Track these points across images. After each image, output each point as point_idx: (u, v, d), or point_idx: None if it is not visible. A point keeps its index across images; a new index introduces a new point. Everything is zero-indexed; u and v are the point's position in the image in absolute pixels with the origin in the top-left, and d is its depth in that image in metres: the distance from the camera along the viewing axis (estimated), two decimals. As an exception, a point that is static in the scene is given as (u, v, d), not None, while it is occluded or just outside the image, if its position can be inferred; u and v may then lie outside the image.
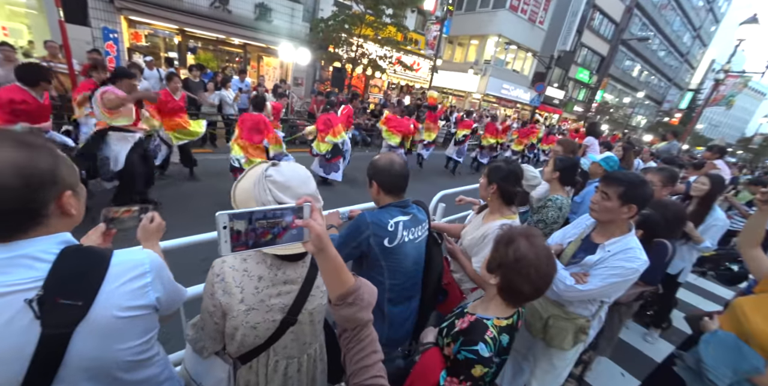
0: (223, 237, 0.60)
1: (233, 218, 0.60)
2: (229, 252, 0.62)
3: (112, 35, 7.36)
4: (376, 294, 0.74)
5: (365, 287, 0.71)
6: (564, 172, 2.08)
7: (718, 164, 4.29)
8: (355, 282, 0.70)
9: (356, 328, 0.71)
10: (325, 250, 0.66)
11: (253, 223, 0.62)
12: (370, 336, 0.72)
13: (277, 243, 0.66)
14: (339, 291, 0.68)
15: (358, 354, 0.70)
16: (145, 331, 0.77)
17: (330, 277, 0.69)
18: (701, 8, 31.96)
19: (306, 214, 0.67)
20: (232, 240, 0.61)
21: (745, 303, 1.45)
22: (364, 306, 0.69)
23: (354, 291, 0.68)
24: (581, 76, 23.80)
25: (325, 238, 0.65)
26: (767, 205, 1.51)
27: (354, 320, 0.69)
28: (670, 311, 2.97)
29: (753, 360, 1.28)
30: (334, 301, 0.69)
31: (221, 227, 0.60)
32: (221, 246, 0.61)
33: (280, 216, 0.65)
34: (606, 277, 1.33)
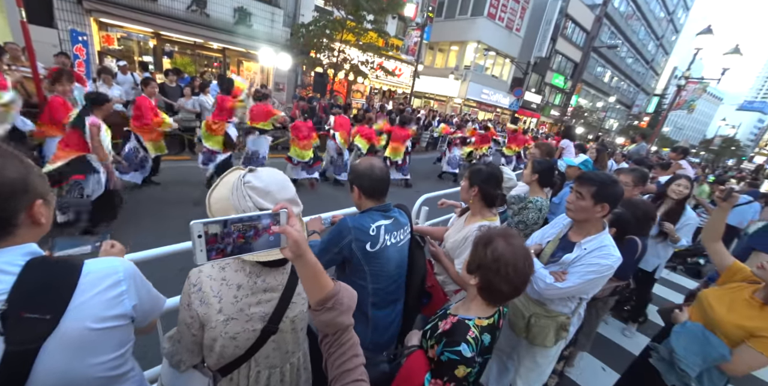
0: (198, 246, 0.59)
1: (208, 226, 0.60)
2: (205, 260, 0.61)
3: (81, 38, 7.03)
4: (356, 297, 0.73)
5: (345, 291, 0.71)
6: (542, 174, 2.14)
7: (682, 164, 4.57)
8: (334, 287, 0.69)
9: (337, 333, 0.70)
10: (304, 256, 0.65)
11: (229, 229, 0.62)
12: (351, 340, 0.72)
13: (254, 249, 0.65)
14: (318, 296, 0.67)
15: (340, 358, 0.70)
16: (120, 344, 0.74)
17: (309, 283, 0.68)
18: (663, 19, 34.12)
19: (283, 220, 0.67)
20: (208, 248, 0.60)
21: (710, 294, 1.53)
22: (344, 311, 0.69)
23: (333, 296, 0.68)
24: (557, 81, 24.79)
25: (302, 244, 0.65)
26: (725, 202, 1.62)
27: (334, 325, 0.69)
28: (646, 306, 3.09)
29: (719, 349, 1.36)
30: (313, 307, 0.69)
31: (196, 236, 0.59)
32: (196, 256, 0.60)
33: (256, 222, 0.64)
34: (583, 274, 1.38)
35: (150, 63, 9.23)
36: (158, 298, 0.92)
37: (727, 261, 1.62)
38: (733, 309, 1.40)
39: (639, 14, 28.96)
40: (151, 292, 0.86)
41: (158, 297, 0.92)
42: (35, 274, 0.63)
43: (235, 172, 0.89)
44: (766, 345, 1.27)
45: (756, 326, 1.30)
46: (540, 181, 2.17)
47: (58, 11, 7.26)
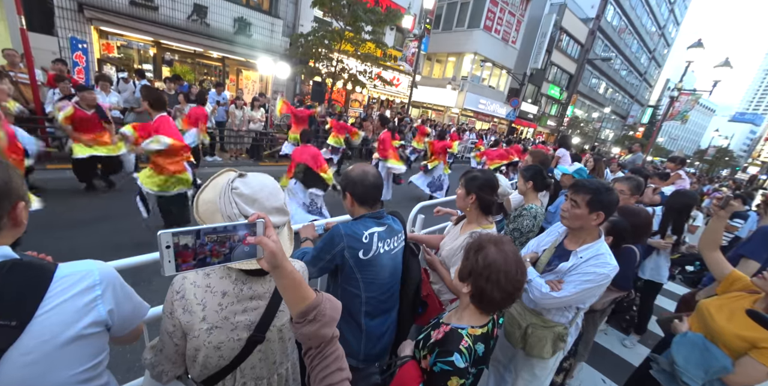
0: (166, 256, 0.57)
1: (177, 236, 0.58)
2: (173, 272, 0.59)
3: (80, 46, 7.09)
4: (339, 308, 0.70)
5: (327, 302, 0.68)
6: (535, 179, 2.14)
7: (681, 174, 4.60)
8: (316, 297, 0.66)
9: (320, 345, 0.67)
10: (281, 267, 0.63)
11: (202, 240, 0.59)
12: (335, 353, 0.68)
13: (229, 260, 0.63)
14: (299, 307, 0.64)
15: (323, 372, 0.66)
16: (92, 354, 0.70)
17: (288, 294, 0.66)
18: (654, 33, 35.09)
19: (259, 231, 0.65)
20: (178, 259, 0.58)
21: (710, 303, 1.51)
22: (327, 322, 0.66)
23: (315, 307, 0.64)
24: (552, 92, 25.21)
25: (279, 255, 0.63)
26: (722, 211, 1.61)
27: (317, 337, 0.65)
28: (649, 317, 3.06)
29: (722, 360, 1.32)
30: (295, 319, 0.66)
31: (164, 246, 0.57)
32: (164, 267, 0.58)
33: (230, 232, 0.62)
34: (579, 283, 1.35)
35: (149, 71, 9.31)
36: (140, 305, 0.88)
37: (726, 270, 1.60)
38: (733, 319, 1.37)
39: (631, 28, 29.77)
40: (132, 298, 0.82)
41: (140, 304, 0.88)
42: (3, 278, 0.61)
43: (225, 175, 0.87)
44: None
45: (757, 337, 1.27)
46: (535, 187, 2.16)
47: (58, 19, 7.33)
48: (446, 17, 19.42)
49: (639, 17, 30.17)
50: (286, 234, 0.92)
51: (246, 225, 0.64)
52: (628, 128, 36.13)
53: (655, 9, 32.29)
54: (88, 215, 3.86)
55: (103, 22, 7.81)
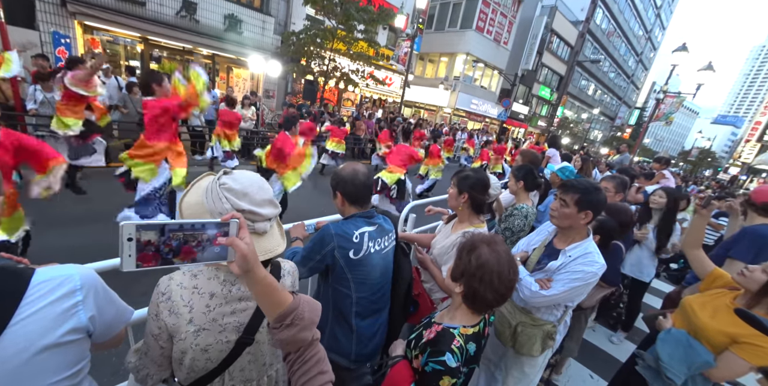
0: (126, 250, 0.54)
1: (141, 229, 0.54)
2: (132, 267, 0.55)
3: (63, 40, 6.88)
4: (319, 310, 0.68)
5: (306, 304, 0.65)
6: (526, 179, 2.17)
7: (666, 174, 4.73)
8: (293, 301, 0.64)
9: (300, 349, 0.65)
10: (252, 272, 0.60)
11: (166, 237, 0.56)
12: (316, 356, 0.66)
13: (197, 261, 0.60)
14: (275, 313, 0.62)
15: (303, 376, 0.64)
16: (72, 362, 0.67)
17: (262, 300, 0.63)
18: (641, 37, 35.89)
19: (232, 231, 0.62)
20: (139, 254, 0.55)
21: (693, 300, 1.55)
22: (306, 326, 0.63)
23: (292, 311, 0.62)
24: (543, 93, 25.55)
25: (251, 259, 0.60)
26: (704, 210, 1.66)
27: (296, 342, 0.63)
28: (638, 315, 3.13)
29: (704, 355, 1.36)
30: (272, 324, 0.63)
31: (125, 238, 0.53)
32: (123, 261, 0.54)
33: (199, 231, 0.59)
34: (568, 282, 1.37)
35: (137, 68, 9.10)
36: (124, 310, 0.86)
37: (708, 268, 1.65)
38: (715, 316, 1.41)
39: (619, 31, 30.39)
40: (115, 303, 0.80)
41: (124, 309, 0.86)
42: None
43: (208, 177, 0.85)
44: (749, 352, 1.27)
45: (738, 332, 1.31)
46: (526, 186, 2.19)
47: (40, 13, 7.09)
48: (439, 17, 19.50)
49: (627, 21, 30.82)
50: (277, 230, 0.91)
51: (217, 224, 0.60)
52: (616, 129, 36.93)
53: (642, 13, 33.04)
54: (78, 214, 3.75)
55: (87, 17, 7.59)
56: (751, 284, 1.33)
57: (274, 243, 0.86)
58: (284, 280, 0.96)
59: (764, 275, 1.30)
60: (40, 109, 5.00)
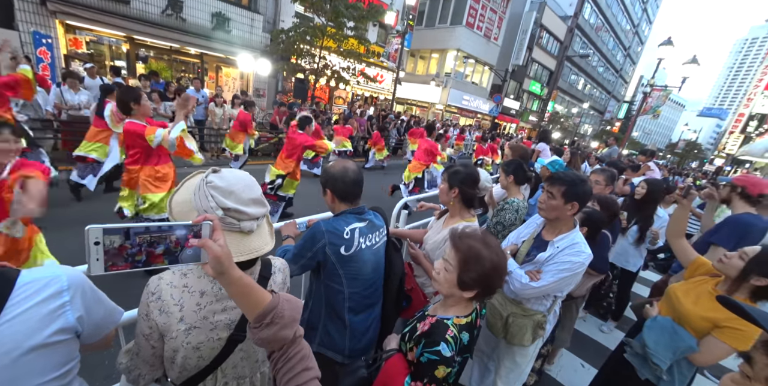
0: (93, 254, 0.53)
1: (108, 233, 0.54)
2: (101, 271, 0.55)
3: (44, 40, 6.67)
4: (300, 307, 0.68)
5: (285, 303, 0.65)
6: (516, 173, 2.20)
7: (651, 166, 4.82)
8: (272, 300, 0.64)
9: (283, 348, 0.65)
10: (226, 273, 0.61)
11: (133, 240, 0.56)
12: (300, 353, 0.66)
13: (170, 263, 0.60)
14: (254, 312, 0.62)
15: (287, 374, 0.64)
16: (61, 363, 0.67)
17: (239, 300, 0.63)
18: (629, 31, 36.34)
19: (205, 233, 0.61)
20: (108, 258, 0.55)
21: (678, 288, 1.59)
22: (287, 324, 0.64)
23: (271, 310, 0.62)
24: (534, 88, 25.75)
25: (225, 261, 0.60)
26: (685, 200, 1.70)
27: (277, 340, 0.63)
28: (627, 305, 3.20)
29: (687, 340, 1.41)
30: (251, 324, 0.64)
31: (92, 243, 0.53)
32: (91, 265, 0.54)
33: (167, 233, 0.58)
34: (557, 273, 1.40)
35: (123, 68, 8.91)
36: (113, 310, 0.85)
37: (691, 256, 1.70)
38: (698, 302, 1.46)
39: (607, 26, 30.71)
40: (104, 303, 0.80)
41: (113, 309, 0.85)
42: None
43: (198, 175, 0.86)
44: (728, 336, 1.32)
45: (719, 317, 1.35)
46: (516, 180, 2.22)
47: (19, 12, 6.87)
48: (429, 13, 19.46)
49: (614, 15, 31.15)
50: (266, 229, 0.91)
51: (187, 226, 0.60)
52: (606, 123, 37.45)
53: (629, 7, 33.42)
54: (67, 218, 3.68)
55: (69, 16, 7.38)
56: (730, 270, 1.37)
57: (261, 243, 0.86)
58: (275, 277, 0.96)
59: (741, 261, 1.34)
60: (22, 111, 4.88)
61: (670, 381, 1.45)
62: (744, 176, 2.37)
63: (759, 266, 1.30)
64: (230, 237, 0.79)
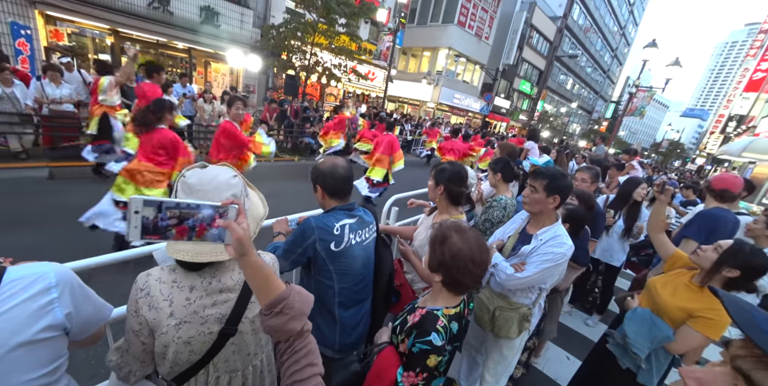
0: (133, 222, 0.59)
1: (147, 204, 0.59)
2: (138, 238, 0.60)
3: (23, 32, 6.42)
4: (310, 302, 0.70)
5: (297, 295, 0.67)
6: (504, 171, 2.24)
7: (634, 164, 4.96)
8: (285, 290, 0.66)
9: (290, 339, 0.66)
10: (246, 256, 0.63)
11: (164, 213, 0.60)
12: (306, 347, 0.67)
13: (195, 239, 0.63)
14: (267, 299, 0.64)
15: (292, 367, 0.66)
16: (49, 360, 0.67)
17: (255, 285, 0.66)
18: (616, 33, 37.09)
19: (231, 215, 0.64)
20: (144, 227, 0.59)
21: (657, 281, 1.66)
22: (295, 316, 0.65)
23: (283, 299, 0.64)
24: (524, 87, 26.07)
25: (246, 243, 0.62)
26: (662, 196, 1.77)
27: (285, 331, 0.65)
28: (611, 299, 3.31)
29: (664, 330, 1.47)
30: (263, 310, 0.66)
31: (133, 211, 0.58)
32: (129, 231, 0.59)
33: (195, 211, 0.62)
34: (540, 263, 1.46)
35: (107, 61, 8.65)
36: (102, 307, 0.85)
37: (670, 250, 1.77)
38: (675, 294, 1.53)
39: (596, 27, 31.28)
40: (92, 300, 0.79)
41: (102, 306, 0.85)
42: None
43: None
44: (702, 325, 1.39)
45: (694, 307, 1.42)
46: (504, 178, 2.26)
47: (-4, 3, 6.62)
48: (421, 11, 19.46)
49: (602, 17, 31.73)
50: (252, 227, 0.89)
51: (215, 206, 0.63)
52: (594, 122, 38.22)
53: (616, 9, 34.08)
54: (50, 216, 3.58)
55: (49, 6, 7.10)
56: (704, 262, 1.44)
57: (219, 248, 0.80)
58: None
59: (715, 253, 1.41)
60: (0, 105, 4.72)
61: (649, 370, 1.52)
62: (720, 174, 2.48)
63: (731, 258, 1.37)
64: None
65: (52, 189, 4.32)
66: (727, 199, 2.25)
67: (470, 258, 1.02)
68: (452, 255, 1.04)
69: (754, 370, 0.38)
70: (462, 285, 1.08)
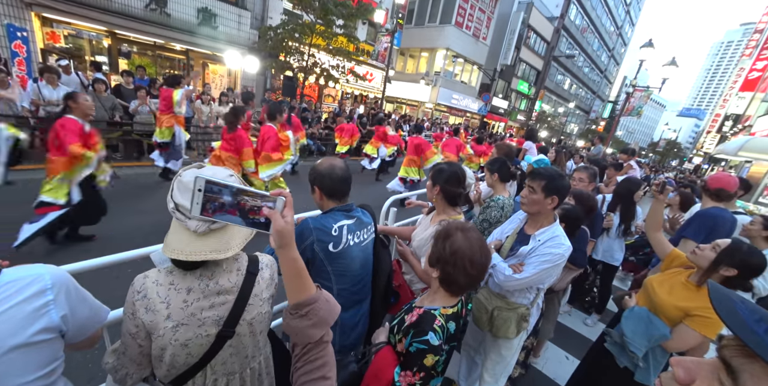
0: (195, 198, 0.64)
1: (208, 185, 0.63)
2: (198, 213, 0.65)
3: (19, 34, 6.40)
4: (336, 312, 0.69)
5: (325, 303, 0.67)
6: (500, 171, 2.25)
7: (632, 164, 4.98)
8: (314, 294, 0.66)
9: (307, 346, 0.66)
10: (285, 249, 0.64)
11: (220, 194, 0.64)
12: (322, 359, 0.66)
13: (241, 224, 0.66)
14: (295, 298, 0.65)
15: (304, 376, 0.66)
16: (44, 362, 0.67)
17: (287, 281, 0.66)
18: (613, 33, 37.27)
19: (278, 207, 0.66)
20: (203, 204, 0.64)
21: (654, 280, 1.67)
22: (318, 323, 0.65)
23: (310, 303, 0.64)
24: (522, 87, 26.15)
25: (285, 236, 0.63)
26: (661, 195, 1.78)
27: (304, 335, 0.65)
28: (609, 297, 3.32)
29: (661, 329, 1.48)
30: (289, 309, 0.66)
31: (196, 189, 0.63)
32: (192, 207, 0.64)
33: (247, 197, 0.65)
34: (538, 264, 1.46)
35: (104, 63, 8.63)
36: (98, 309, 0.85)
37: (667, 249, 1.78)
38: (672, 293, 1.53)
39: (592, 27, 31.42)
40: (88, 302, 0.79)
41: (98, 308, 0.85)
42: None
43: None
44: (698, 323, 1.40)
45: (690, 306, 1.43)
46: (501, 178, 2.27)
47: (-8, 4, 6.60)
48: (419, 12, 19.51)
49: (599, 17, 31.89)
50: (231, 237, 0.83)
51: (264, 196, 0.65)
52: (591, 122, 38.36)
53: (613, 10, 34.26)
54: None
55: (45, 8, 7.09)
56: (702, 261, 1.45)
57: (212, 247, 0.78)
58: (262, 273, 0.97)
59: (713, 252, 1.42)
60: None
61: (646, 368, 1.53)
62: (716, 173, 2.49)
63: (728, 257, 1.38)
64: (181, 234, 0.79)
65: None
66: (723, 198, 2.26)
67: (468, 258, 1.03)
68: (452, 252, 1.04)
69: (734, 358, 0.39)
70: (455, 284, 1.08)
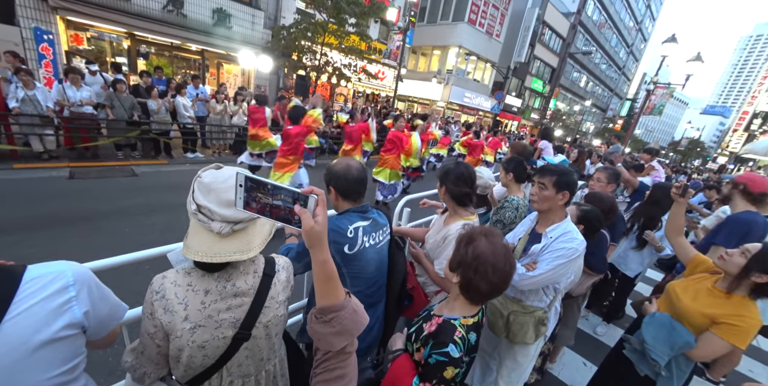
0: (238, 193, 0.67)
1: (246, 181, 0.66)
2: (241, 207, 0.67)
3: (46, 37, 6.65)
4: (363, 324, 0.67)
5: (351, 312, 0.65)
6: (516, 171, 2.19)
7: (655, 165, 4.78)
8: (342, 301, 0.64)
9: (328, 353, 0.65)
10: (314, 249, 0.63)
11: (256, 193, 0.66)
12: (342, 369, 0.65)
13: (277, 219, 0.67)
14: (322, 302, 0.63)
15: (320, 384, 0.64)
16: (68, 358, 0.68)
17: (316, 283, 0.65)
18: (632, 28, 36.03)
19: (310, 206, 0.65)
20: (245, 199, 0.66)
21: (677, 285, 1.60)
22: (341, 332, 0.63)
23: (335, 310, 0.63)
24: (536, 85, 25.60)
25: (314, 235, 0.62)
26: (682, 198, 1.70)
27: (326, 342, 0.64)
28: (624, 307, 3.21)
29: (685, 336, 1.41)
30: (314, 312, 0.65)
31: (237, 185, 0.66)
32: (236, 201, 0.68)
33: (281, 195, 0.65)
34: (551, 260, 1.42)
35: (123, 64, 8.89)
36: (117, 306, 0.86)
37: (690, 254, 1.70)
38: (697, 299, 1.46)
39: (611, 23, 30.45)
40: (109, 299, 0.80)
41: (117, 305, 0.86)
42: None
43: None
44: (726, 331, 1.33)
45: (717, 313, 1.36)
46: (516, 178, 2.21)
47: (19, 8, 6.86)
48: (431, 10, 19.32)
49: (617, 12, 30.87)
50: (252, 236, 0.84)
51: (297, 193, 0.65)
52: (608, 121, 37.28)
53: (632, 4, 33.10)
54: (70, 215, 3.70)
55: (70, 12, 7.36)
56: (731, 267, 1.38)
57: (235, 248, 0.79)
58: (279, 275, 0.97)
59: (743, 258, 1.34)
60: (22, 107, 4.89)
61: (669, 378, 1.46)
62: (747, 174, 2.35)
63: (760, 263, 1.30)
64: (203, 236, 0.79)
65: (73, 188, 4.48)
66: (760, 202, 2.13)
67: (491, 264, 0.99)
68: (474, 257, 1.00)
69: None
70: (476, 291, 1.03)
